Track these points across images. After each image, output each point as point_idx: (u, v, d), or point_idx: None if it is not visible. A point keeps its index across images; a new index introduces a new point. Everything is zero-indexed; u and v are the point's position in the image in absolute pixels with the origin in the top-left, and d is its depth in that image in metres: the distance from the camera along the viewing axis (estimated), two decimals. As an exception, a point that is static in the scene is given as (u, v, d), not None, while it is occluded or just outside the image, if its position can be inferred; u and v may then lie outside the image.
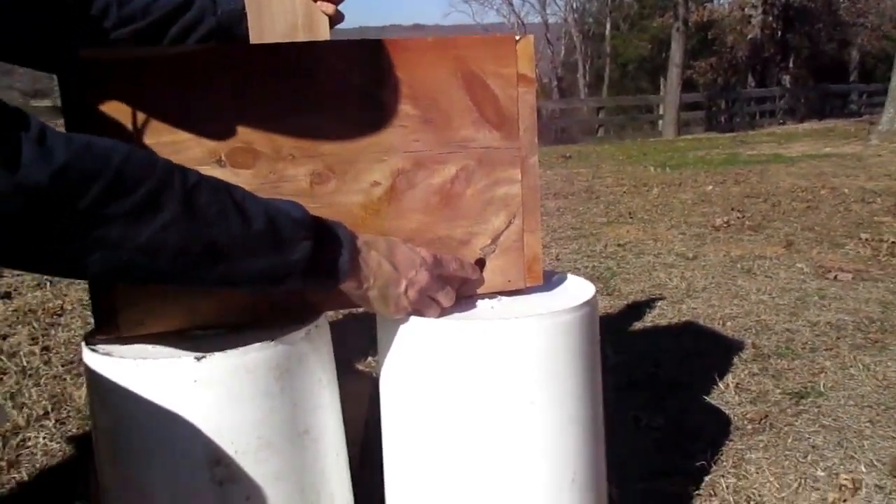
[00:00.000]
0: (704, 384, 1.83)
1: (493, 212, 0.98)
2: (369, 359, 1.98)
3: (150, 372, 0.83)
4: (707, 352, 2.06)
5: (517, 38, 0.96)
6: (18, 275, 3.00)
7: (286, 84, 0.87)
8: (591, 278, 2.88)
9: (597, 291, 1.04)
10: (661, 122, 14.85)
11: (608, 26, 25.38)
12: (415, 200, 0.95)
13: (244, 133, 0.86)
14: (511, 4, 25.34)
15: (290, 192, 0.88)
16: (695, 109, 16.23)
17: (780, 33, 20.73)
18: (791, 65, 21.56)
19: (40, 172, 0.57)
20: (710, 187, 5.24)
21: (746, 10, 20.95)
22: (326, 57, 0.89)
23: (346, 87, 0.89)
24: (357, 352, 2.00)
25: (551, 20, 25.94)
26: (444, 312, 0.94)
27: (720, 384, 1.83)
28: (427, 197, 0.95)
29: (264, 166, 0.88)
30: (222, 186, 0.71)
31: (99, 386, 0.87)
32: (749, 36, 20.72)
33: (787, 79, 21.05)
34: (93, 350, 0.87)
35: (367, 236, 0.85)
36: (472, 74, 0.94)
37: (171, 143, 0.84)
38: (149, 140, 0.83)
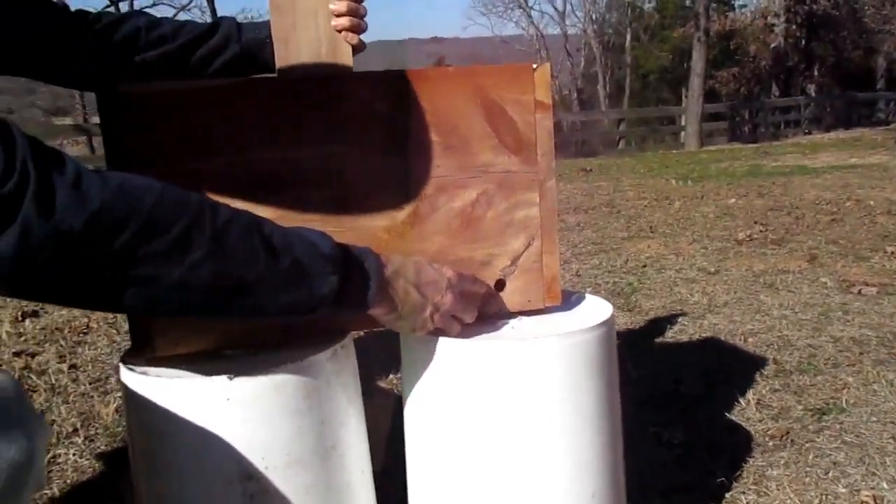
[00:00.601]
0: (726, 400, 1.84)
1: (513, 234, 1.01)
2: (391, 376, 2.01)
3: (185, 390, 0.87)
4: (728, 367, 2.07)
5: (534, 66, 1.00)
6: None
7: (313, 114, 0.91)
8: (611, 294, 2.89)
9: (616, 308, 1.06)
10: (683, 133, 14.78)
11: (628, 37, 25.36)
12: (437, 223, 0.98)
13: (272, 161, 0.90)
14: (530, 17, 25.41)
15: (316, 217, 0.92)
16: (717, 120, 16.14)
17: (804, 41, 20.58)
18: (816, 73, 21.38)
19: (75, 218, 0.60)
20: (733, 200, 5.22)
21: (769, 18, 20.84)
22: (352, 87, 0.93)
23: (371, 115, 0.93)
24: (379, 368, 2.04)
25: (570, 31, 25.98)
26: (465, 329, 0.97)
27: (741, 400, 1.83)
28: (449, 220, 0.99)
29: (291, 192, 0.92)
30: (252, 223, 0.73)
31: (136, 404, 0.91)
32: (772, 45, 20.60)
33: (811, 88, 20.88)
34: (130, 369, 0.91)
35: (394, 262, 0.87)
36: (491, 102, 0.98)
37: (203, 171, 0.88)
38: (182, 168, 0.87)
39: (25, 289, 0.62)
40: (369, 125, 0.94)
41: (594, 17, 25.56)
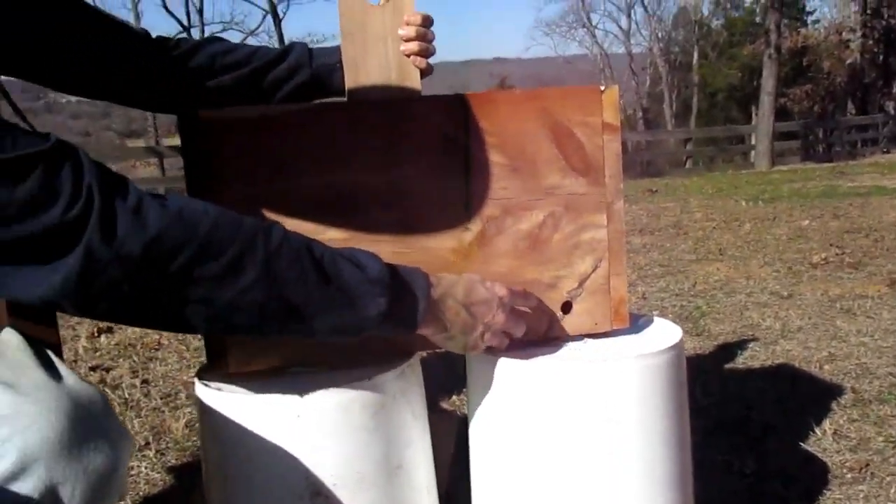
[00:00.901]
0: (800, 429, 1.77)
1: (580, 256, 1.01)
2: (454, 396, 2.02)
3: (257, 407, 0.89)
4: (803, 396, 2.00)
5: (602, 88, 1.00)
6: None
7: (384, 137, 0.94)
8: (679, 318, 2.83)
9: (684, 333, 1.04)
10: (753, 152, 14.41)
11: (695, 55, 24.97)
12: (504, 245, 0.99)
13: (343, 183, 0.93)
14: (594, 36, 25.29)
15: (385, 238, 0.94)
16: (789, 139, 15.67)
17: (881, 57, 19.87)
18: (894, 90, 20.59)
19: (135, 243, 0.63)
20: (807, 222, 5.06)
21: (844, 34, 20.21)
22: (420, 111, 0.95)
23: (439, 139, 0.95)
24: (443, 388, 2.04)
25: (636, 50, 25.74)
26: (531, 350, 0.97)
27: (817, 430, 1.76)
28: (516, 242, 0.99)
29: (361, 214, 0.94)
30: (303, 246, 0.75)
31: (210, 419, 0.94)
32: (848, 61, 19.96)
33: (890, 105, 20.10)
34: (205, 385, 0.94)
35: (444, 282, 0.87)
36: (558, 124, 0.98)
37: (279, 192, 0.91)
38: (259, 190, 0.91)
39: (89, 309, 0.65)
40: (437, 148, 0.95)
41: (660, 35, 25.28)
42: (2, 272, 0.62)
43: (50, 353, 0.81)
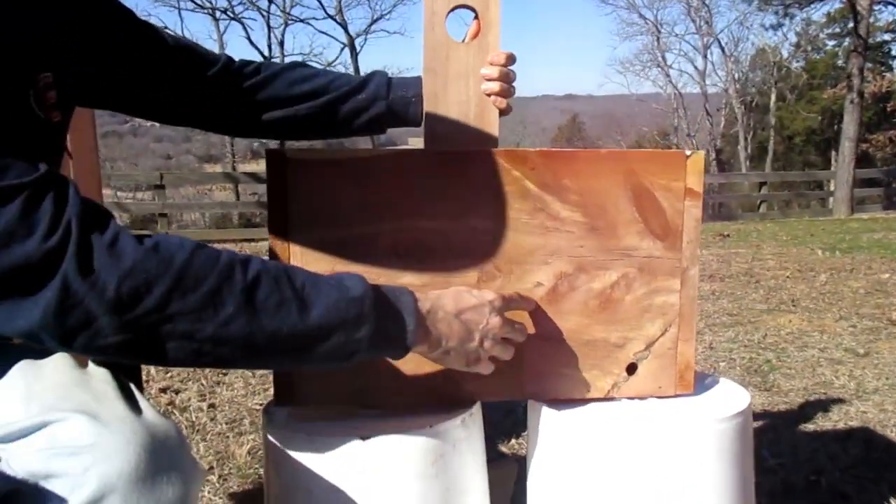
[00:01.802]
0: (874, 498, 1.69)
1: (650, 319, 1.01)
2: (513, 441, 2.00)
3: (321, 447, 0.92)
4: (878, 462, 1.91)
5: (687, 153, 0.99)
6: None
7: (464, 188, 0.96)
8: (747, 371, 2.75)
9: (752, 387, 1.02)
10: (831, 199, 13.93)
11: (773, 97, 24.44)
12: (574, 302, 0.99)
13: (420, 231, 0.95)
14: (668, 75, 25.05)
15: (459, 286, 0.94)
16: (871, 186, 15.08)
17: (971, 105, 19.01)
18: (985, 140, 19.64)
19: (110, 276, 0.64)
20: (887, 275, 4.85)
21: (932, 80, 19.46)
22: (504, 164, 0.96)
23: (520, 193, 0.96)
24: (500, 431, 2.03)
25: (711, 91, 25.34)
26: (593, 404, 0.97)
27: (892, 501, 1.68)
28: (587, 300, 0.99)
29: (436, 262, 0.96)
30: (282, 274, 0.74)
31: (274, 453, 0.97)
32: (935, 108, 19.17)
33: (980, 155, 19.17)
34: (271, 421, 0.97)
35: (431, 296, 0.86)
36: (641, 187, 0.98)
37: (358, 236, 0.94)
38: (339, 233, 0.94)
39: (68, 342, 0.66)
40: (518, 202, 0.96)
41: (736, 76, 24.87)
42: None
43: (132, 385, 0.86)
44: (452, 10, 1.10)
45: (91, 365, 0.92)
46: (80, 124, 1.47)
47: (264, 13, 18.72)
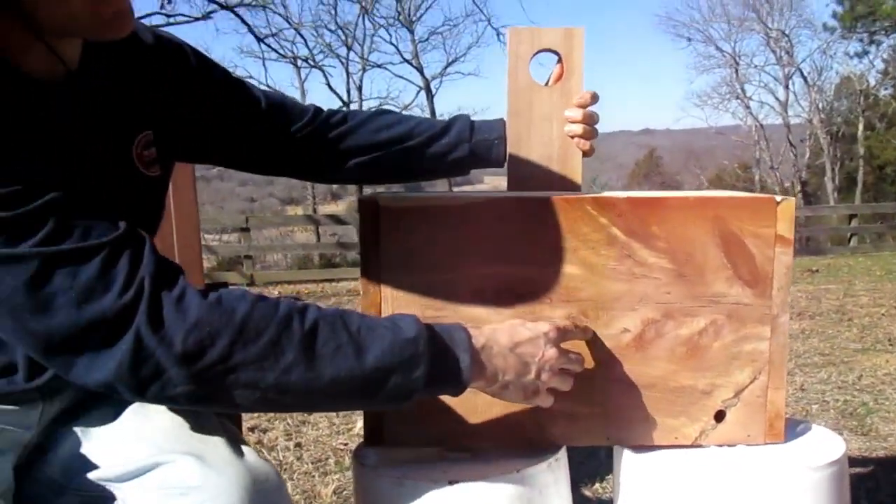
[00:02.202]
0: None
1: (739, 366, 0.99)
2: (596, 485, 1.97)
3: (410, 491, 0.94)
4: None
5: (778, 199, 0.97)
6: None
7: (551, 234, 0.97)
8: (842, 415, 2.63)
9: (847, 431, 1.00)
10: (928, 231, 13.20)
11: (861, 126, 23.48)
12: (661, 349, 0.99)
13: (508, 276, 0.97)
14: (748, 107, 24.48)
15: None
16: (972, 217, 14.24)
17: None
18: None
19: (176, 330, 0.68)
20: None
21: None
22: (590, 210, 0.97)
23: (607, 239, 0.97)
24: (584, 476, 2.01)
25: (794, 121, 24.57)
26: (678, 447, 0.96)
27: None
28: (674, 346, 0.99)
29: (524, 307, 0.97)
30: (339, 321, 0.76)
31: (364, 496, 1.00)
32: None
33: None
34: (361, 463, 1.01)
35: (486, 331, 0.87)
36: (730, 233, 0.97)
37: (445, 280, 0.97)
38: (425, 278, 0.97)
39: (142, 392, 0.70)
40: (605, 249, 0.97)
41: (821, 106, 24.07)
42: (65, 359, 0.69)
43: (234, 427, 0.91)
44: (536, 54, 1.14)
45: None
46: (181, 181, 1.58)
47: (343, 60, 19.37)
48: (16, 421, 0.87)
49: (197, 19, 10.51)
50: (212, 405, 0.76)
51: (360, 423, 2.63)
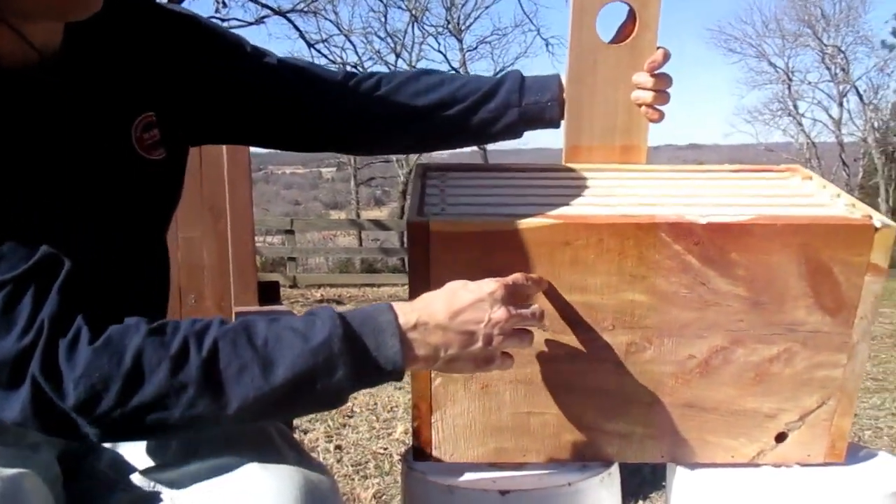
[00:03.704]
0: None
1: (808, 392, 0.95)
2: (640, 503, 1.94)
3: (459, 499, 0.93)
4: None
5: (877, 225, 0.88)
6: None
7: (617, 261, 0.89)
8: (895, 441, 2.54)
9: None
10: None
11: (918, 147, 22.80)
12: (727, 375, 0.94)
13: (567, 302, 0.90)
14: (800, 124, 23.95)
15: (608, 358, 0.92)
16: None
17: None
18: None
19: (68, 379, 0.65)
20: None
21: None
22: (664, 237, 0.88)
23: (680, 267, 0.89)
24: (628, 494, 1.97)
25: (847, 140, 23.96)
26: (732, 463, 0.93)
27: None
28: (741, 373, 0.94)
29: (583, 334, 0.91)
30: (243, 336, 0.70)
31: (413, 501, 0.99)
32: None
33: None
34: (411, 470, 1.00)
35: (418, 307, 0.78)
36: (817, 261, 0.89)
37: None
38: None
39: (53, 433, 0.69)
40: (676, 276, 0.89)
41: (876, 125, 23.45)
42: None
43: (288, 431, 0.91)
44: (605, 4, 0.99)
45: None
46: (238, 180, 1.60)
47: (392, 67, 19.51)
48: None
49: (250, 24, 10.71)
50: (132, 439, 0.74)
51: (399, 428, 2.64)
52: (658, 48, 1.01)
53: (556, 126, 1.07)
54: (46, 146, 0.75)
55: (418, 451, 0.99)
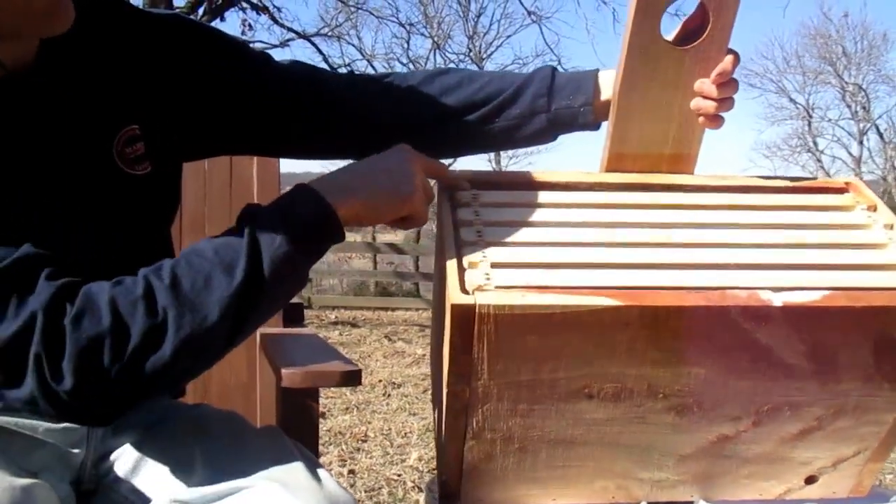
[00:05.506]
0: None
1: (847, 444, 0.92)
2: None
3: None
4: None
5: None
6: (331, 396, 3.33)
7: (675, 341, 0.80)
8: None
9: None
10: None
11: (938, 184, 22.62)
12: (770, 432, 0.90)
13: (620, 375, 0.82)
14: (820, 161, 23.84)
15: (652, 422, 0.88)
16: None
17: None
18: None
19: (62, 363, 0.66)
20: None
21: None
22: (733, 318, 0.79)
23: (744, 344, 0.81)
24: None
25: (867, 178, 23.81)
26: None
27: None
28: (785, 429, 0.90)
29: (633, 401, 0.85)
30: (193, 256, 0.72)
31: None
32: None
33: None
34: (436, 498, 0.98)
35: (335, 175, 0.81)
36: (885, 338, 0.82)
37: (543, 380, 0.81)
38: (520, 377, 0.81)
39: (63, 412, 0.69)
40: (738, 352, 0.81)
41: (896, 163, 23.31)
42: None
43: (311, 453, 0.90)
44: (671, 3, 0.84)
45: (269, 428, 0.97)
46: (270, 192, 1.60)
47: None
48: (62, 439, 0.86)
49: (275, 46, 10.83)
50: (145, 398, 0.73)
51: (413, 454, 2.61)
52: (728, 52, 0.87)
53: (593, 129, 0.97)
54: (22, 158, 0.75)
55: (444, 493, 0.96)
